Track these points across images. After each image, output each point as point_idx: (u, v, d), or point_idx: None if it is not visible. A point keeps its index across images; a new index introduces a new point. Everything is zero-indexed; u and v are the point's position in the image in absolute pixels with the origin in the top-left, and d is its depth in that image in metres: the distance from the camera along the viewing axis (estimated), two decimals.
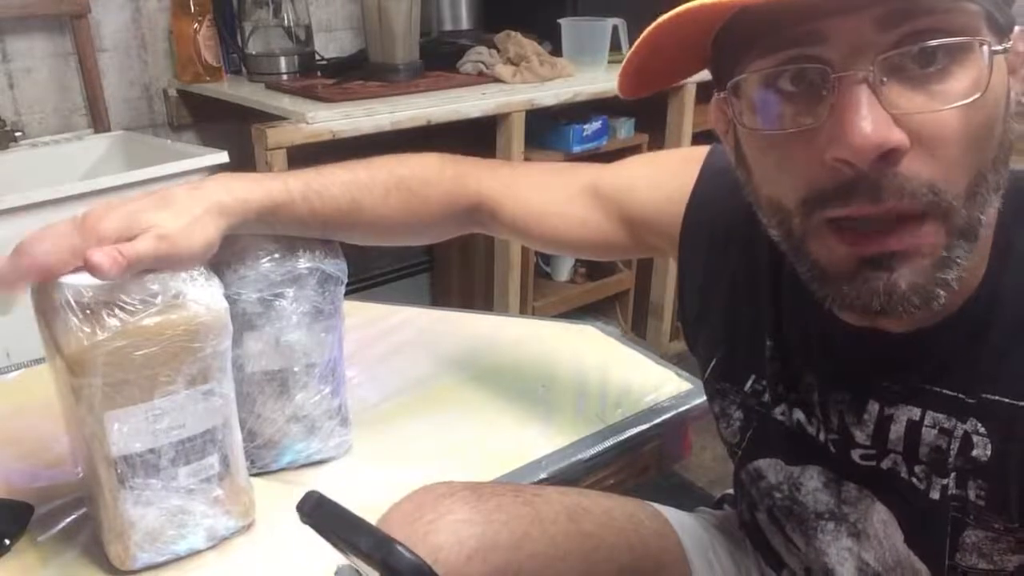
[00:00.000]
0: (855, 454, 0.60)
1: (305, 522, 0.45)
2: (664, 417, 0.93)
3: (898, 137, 0.44)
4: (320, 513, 0.44)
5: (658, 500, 0.83)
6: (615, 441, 0.88)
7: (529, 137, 1.85)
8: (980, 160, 0.47)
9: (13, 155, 1.64)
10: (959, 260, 0.48)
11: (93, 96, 1.76)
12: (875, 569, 0.62)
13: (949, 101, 0.45)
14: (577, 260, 2.29)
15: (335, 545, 0.45)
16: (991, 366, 0.53)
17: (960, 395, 0.54)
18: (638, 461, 0.92)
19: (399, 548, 0.39)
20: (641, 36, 0.50)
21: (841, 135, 0.45)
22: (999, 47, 0.46)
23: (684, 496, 0.96)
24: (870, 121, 0.44)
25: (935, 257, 0.47)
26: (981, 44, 0.44)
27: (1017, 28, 0.49)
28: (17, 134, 1.65)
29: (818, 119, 0.46)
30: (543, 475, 0.83)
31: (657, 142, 2.16)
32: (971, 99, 0.44)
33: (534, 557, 0.67)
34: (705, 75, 0.55)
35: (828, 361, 0.61)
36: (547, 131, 1.99)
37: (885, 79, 0.45)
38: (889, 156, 0.45)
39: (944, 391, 0.55)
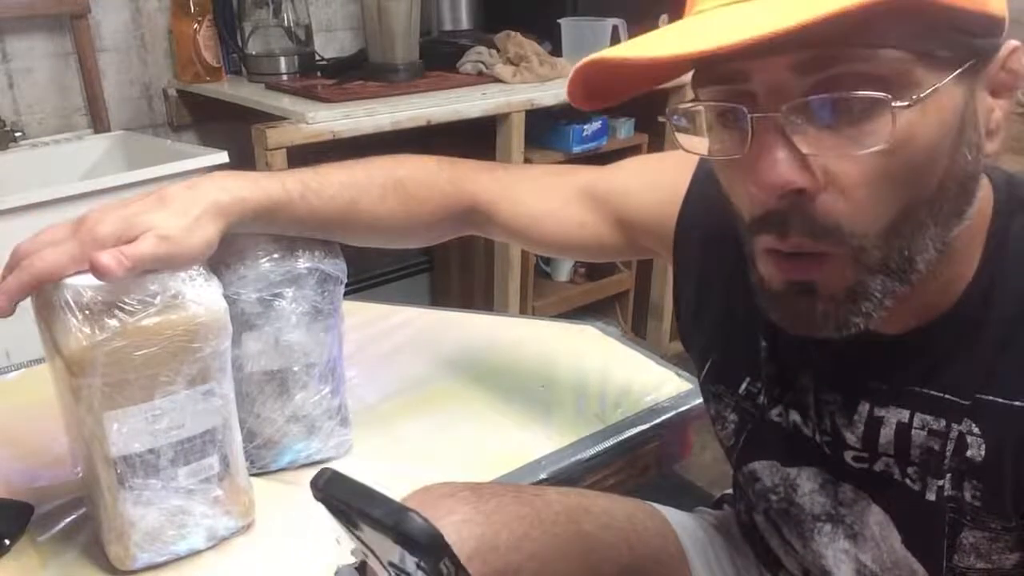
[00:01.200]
0: (848, 456, 0.60)
1: (317, 497, 0.45)
2: (664, 417, 0.93)
3: (804, 179, 0.46)
4: (334, 486, 0.43)
5: (658, 500, 0.83)
6: (615, 441, 0.88)
7: (529, 137, 1.85)
8: (906, 199, 0.47)
9: (13, 155, 1.64)
10: (876, 293, 0.49)
11: (93, 96, 1.76)
12: (873, 570, 0.62)
13: (860, 147, 0.45)
14: (576, 260, 2.30)
15: (347, 521, 0.44)
16: (984, 366, 0.53)
17: (954, 396, 0.54)
18: (638, 461, 0.92)
19: (413, 515, 0.39)
20: (572, 71, 0.51)
21: (752, 171, 0.47)
22: (924, 92, 0.44)
23: (684, 496, 0.96)
24: (776, 162, 0.45)
25: (844, 289, 0.49)
26: (886, 99, 0.44)
27: (1011, 44, 0.48)
28: (17, 134, 1.65)
29: (743, 152, 0.47)
30: (543, 475, 0.83)
31: (657, 142, 2.16)
32: (876, 148, 0.44)
33: (534, 557, 0.67)
34: None
35: (822, 362, 0.61)
36: (547, 131, 1.99)
37: (799, 121, 0.45)
38: (799, 194, 0.46)
39: (935, 392, 0.55)
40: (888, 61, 0.44)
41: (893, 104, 0.44)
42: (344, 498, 0.43)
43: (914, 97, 0.44)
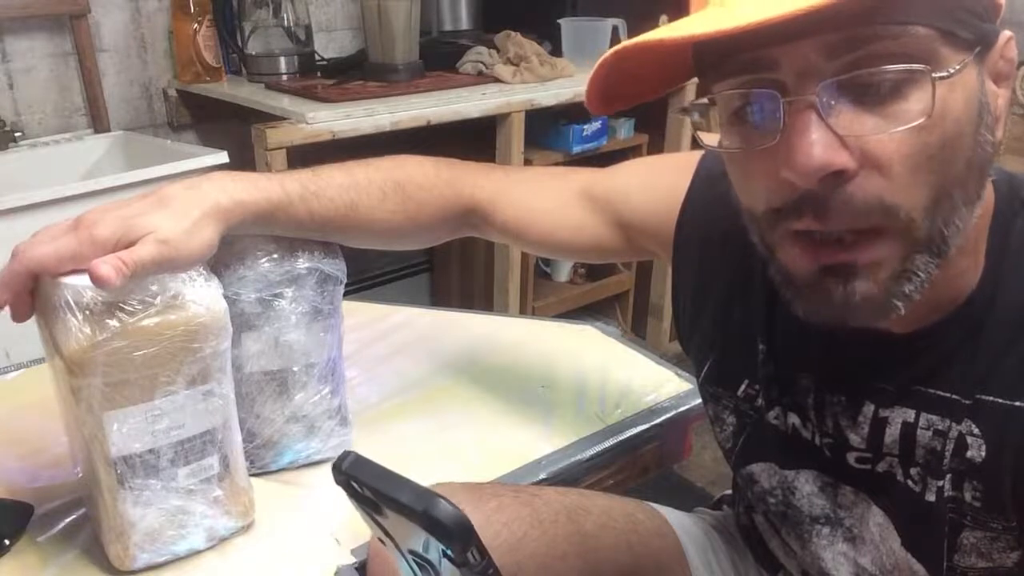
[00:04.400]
0: (850, 457, 0.60)
1: (338, 480, 0.44)
2: (664, 417, 0.93)
3: (843, 160, 0.45)
4: (358, 469, 0.43)
5: (658, 500, 0.83)
6: (615, 441, 0.88)
7: (529, 137, 1.85)
8: (943, 176, 0.47)
9: (13, 155, 1.64)
10: (920, 273, 0.48)
11: (93, 96, 1.76)
12: (872, 573, 0.62)
13: (896, 124, 0.45)
14: (576, 261, 2.30)
15: (368, 506, 0.43)
16: (986, 367, 0.53)
17: (955, 396, 0.54)
18: (638, 461, 0.92)
19: (442, 500, 0.39)
20: (596, 65, 0.51)
21: (787, 157, 0.46)
22: (954, 68, 0.45)
23: (684, 496, 0.96)
24: (814, 144, 0.45)
25: (893, 270, 0.48)
26: (926, 70, 0.44)
27: (1005, 33, 0.49)
28: (17, 134, 1.65)
29: (774, 139, 0.47)
30: (543, 475, 0.83)
31: (657, 142, 2.16)
32: (917, 123, 0.45)
33: (534, 557, 0.67)
34: None
35: (824, 363, 0.61)
36: (547, 131, 1.99)
37: (833, 103, 0.45)
38: (838, 176, 0.46)
39: (939, 392, 0.55)
40: (916, 38, 0.44)
41: (933, 75, 0.44)
42: (368, 482, 0.42)
43: (951, 70, 0.45)
